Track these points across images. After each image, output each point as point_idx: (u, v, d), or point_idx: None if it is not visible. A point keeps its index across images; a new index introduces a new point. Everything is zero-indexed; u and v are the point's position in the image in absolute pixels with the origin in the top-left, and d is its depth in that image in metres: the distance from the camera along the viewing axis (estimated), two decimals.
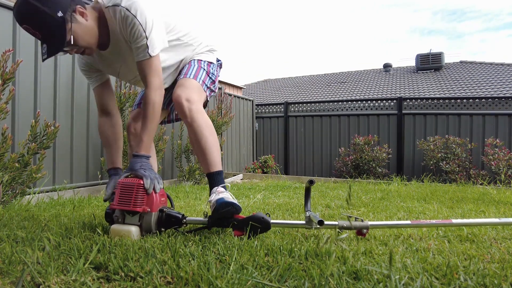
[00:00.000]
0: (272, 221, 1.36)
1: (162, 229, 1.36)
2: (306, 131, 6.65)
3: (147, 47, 1.36)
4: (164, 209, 1.37)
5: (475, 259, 1.08)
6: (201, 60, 1.70)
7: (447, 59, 14.59)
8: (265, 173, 6.16)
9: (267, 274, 0.93)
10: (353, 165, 5.57)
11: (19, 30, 2.55)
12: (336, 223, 1.39)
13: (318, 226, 1.33)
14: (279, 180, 5.13)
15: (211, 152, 1.52)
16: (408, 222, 1.49)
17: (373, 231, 1.52)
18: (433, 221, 1.50)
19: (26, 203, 2.22)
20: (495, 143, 4.86)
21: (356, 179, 5.09)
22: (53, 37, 1.23)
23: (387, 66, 16.05)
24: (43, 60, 1.25)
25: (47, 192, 2.68)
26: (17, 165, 2.15)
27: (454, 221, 1.47)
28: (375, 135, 5.74)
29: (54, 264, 0.96)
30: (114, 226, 1.30)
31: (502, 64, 12.89)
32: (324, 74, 17.33)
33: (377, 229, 1.56)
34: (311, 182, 1.39)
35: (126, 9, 1.32)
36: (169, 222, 1.37)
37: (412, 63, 16.00)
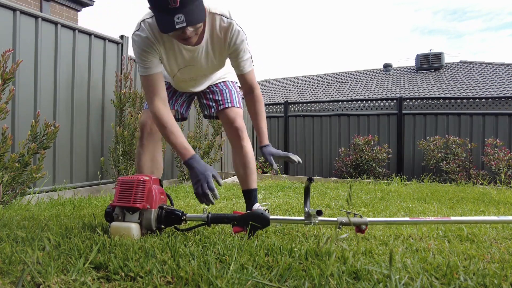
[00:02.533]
0: (271, 217, 1.38)
1: (162, 226, 1.37)
2: (306, 131, 6.65)
3: (252, 60, 1.64)
4: (164, 206, 1.38)
5: (475, 259, 1.08)
6: (234, 82, 1.94)
7: (447, 59, 14.59)
8: (265, 173, 6.16)
9: (267, 274, 0.93)
10: (353, 165, 5.57)
11: (19, 30, 2.56)
12: (336, 219, 1.39)
13: (317, 217, 1.35)
14: (279, 180, 5.12)
15: (254, 173, 1.84)
16: (407, 219, 1.50)
17: (373, 231, 1.52)
18: (432, 218, 1.51)
19: (26, 203, 2.22)
20: (495, 143, 4.86)
21: (356, 179, 5.09)
22: (197, 8, 1.27)
23: (387, 66, 16.05)
24: (177, 28, 1.23)
25: (47, 192, 2.68)
26: (17, 165, 2.15)
27: (452, 218, 1.48)
28: (375, 135, 5.74)
29: (54, 264, 0.96)
30: (114, 224, 1.30)
31: (502, 64, 12.89)
32: (324, 74, 17.33)
33: (377, 230, 1.56)
34: (310, 180, 1.40)
35: (238, 25, 1.50)
36: (169, 219, 1.38)
37: (412, 63, 16.00)
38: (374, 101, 6.46)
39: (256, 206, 1.82)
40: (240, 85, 1.77)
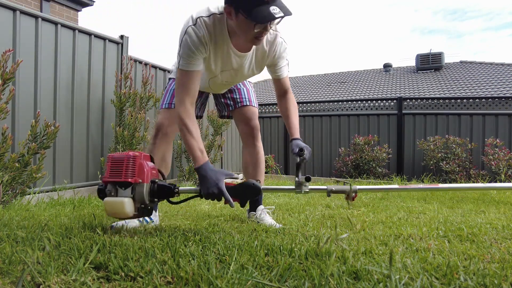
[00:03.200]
0: (262, 186, 1.42)
1: (155, 199, 1.39)
2: (306, 131, 6.65)
3: (288, 66, 1.70)
4: (156, 181, 1.39)
5: (475, 259, 1.08)
6: (251, 82, 1.97)
7: (447, 59, 14.59)
8: (266, 173, 6.16)
9: (267, 274, 0.93)
10: (353, 165, 5.57)
11: (19, 30, 2.55)
12: (325, 187, 1.40)
13: (307, 186, 1.38)
14: (279, 180, 5.12)
15: (263, 174, 1.89)
16: (396, 186, 1.51)
17: (373, 231, 1.52)
18: (420, 185, 1.55)
19: (26, 203, 2.22)
20: (495, 143, 4.86)
21: (356, 179, 5.09)
22: (283, 3, 1.31)
23: (387, 66, 16.05)
24: (276, 18, 1.26)
25: (47, 192, 2.68)
26: (17, 165, 2.15)
27: (440, 185, 1.53)
28: (375, 135, 5.74)
29: (54, 264, 0.96)
30: (107, 199, 1.30)
31: (502, 64, 12.88)
32: (324, 74, 17.33)
33: (377, 230, 1.56)
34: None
35: (281, 36, 1.58)
36: (162, 192, 1.39)
37: (412, 63, 16.00)
38: (374, 101, 6.45)
39: (261, 208, 1.83)
40: (274, 87, 1.79)
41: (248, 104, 1.85)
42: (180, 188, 1.42)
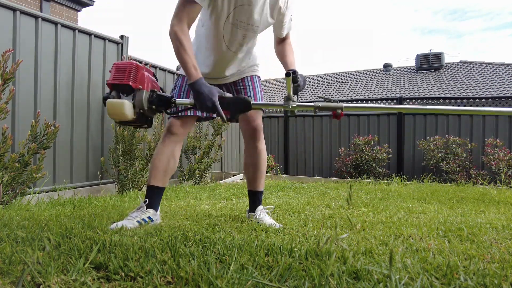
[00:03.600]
0: (252, 102, 1.48)
1: (153, 107, 1.47)
2: (306, 131, 6.65)
3: (291, 21, 1.74)
4: (156, 91, 1.50)
5: (475, 259, 1.08)
6: (260, 78, 1.91)
7: (447, 59, 14.60)
8: (266, 173, 6.16)
9: (267, 274, 0.93)
10: (353, 165, 5.57)
11: (19, 30, 2.56)
12: (312, 104, 1.46)
13: (295, 102, 1.45)
14: (279, 180, 5.12)
15: (263, 175, 1.88)
16: (383, 105, 1.53)
17: (373, 231, 1.52)
18: (414, 106, 1.53)
19: (26, 203, 2.22)
20: (495, 143, 4.86)
21: (356, 179, 5.09)
22: None
23: (387, 66, 16.05)
24: None
25: (47, 192, 2.68)
26: (17, 165, 2.15)
27: (428, 107, 1.50)
28: (375, 135, 5.74)
29: (54, 264, 0.96)
30: (109, 100, 1.40)
31: (502, 64, 12.89)
32: (324, 74, 17.33)
33: (377, 230, 1.56)
34: (287, 75, 1.43)
35: None
36: (160, 101, 1.49)
37: (412, 63, 16.00)
38: (374, 101, 6.46)
39: (260, 208, 1.82)
40: (274, 37, 1.82)
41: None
42: (177, 100, 1.51)
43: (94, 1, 7.28)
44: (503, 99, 5.60)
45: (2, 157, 2.09)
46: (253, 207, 1.85)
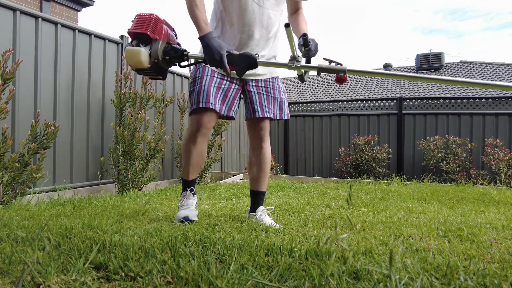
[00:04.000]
0: (258, 60, 1.51)
1: (167, 57, 1.53)
2: (306, 131, 6.65)
3: None
4: (171, 43, 1.56)
5: (475, 259, 1.08)
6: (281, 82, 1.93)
7: (447, 59, 14.60)
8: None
9: (267, 274, 0.93)
10: (353, 165, 5.57)
11: (19, 30, 2.55)
12: (317, 65, 1.46)
13: (300, 62, 1.47)
14: (279, 180, 5.12)
15: (267, 176, 1.89)
16: (384, 71, 1.47)
17: (373, 231, 1.52)
18: (412, 74, 1.45)
19: (26, 203, 2.22)
20: (495, 143, 4.86)
21: (356, 179, 5.09)
22: None
23: (387, 66, 16.05)
24: None
25: (47, 192, 2.68)
26: (17, 165, 2.15)
27: (419, 75, 1.47)
28: (375, 135, 5.74)
29: (54, 264, 0.96)
30: (128, 47, 1.49)
31: (502, 64, 12.89)
32: (324, 74, 17.33)
33: (377, 230, 1.56)
34: (287, 25, 1.43)
35: None
36: (174, 53, 1.55)
37: (412, 63, 16.01)
38: (374, 101, 6.45)
39: (261, 209, 1.83)
40: (287, 7, 1.86)
41: (274, 117, 1.81)
42: (190, 53, 1.56)
43: (94, 1, 7.28)
44: (503, 99, 5.59)
45: (2, 157, 2.09)
46: (254, 208, 1.85)
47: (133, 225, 1.58)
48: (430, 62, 14.30)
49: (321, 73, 1.48)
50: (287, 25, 1.40)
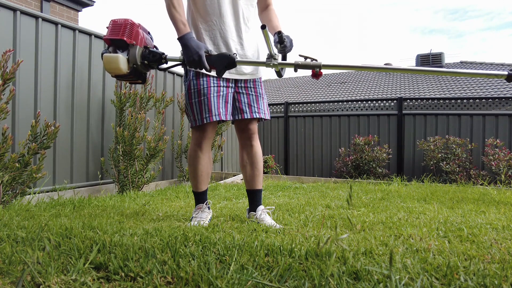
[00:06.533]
0: (236, 59, 1.54)
1: (146, 62, 1.54)
2: (306, 131, 6.65)
3: None
4: (148, 47, 1.58)
5: (476, 260, 1.08)
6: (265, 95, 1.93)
7: (448, 59, 14.61)
8: (265, 173, 6.16)
9: (267, 274, 0.92)
10: (353, 165, 5.57)
11: (19, 30, 2.55)
12: (293, 62, 1.50)
13: (277, 60, 1.50)
14: (279, 180, 5.12)
15: (261, 173, 1.89)
16: (359, 64, 1.53)
17: (373, 232, 1.52)
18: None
19: (26, 203, 2.22)
20: (495, 143, 4.86)
21: (356, 179, 5.09)
22: None
23: None
24: None
25: (47, 192, 2.68)
26: (17, 165, 2.15)
27: (412, 67, 1.49)
28: (375, 135, 5.74)
29: (54, 264, 0.96)
30: (106, 54, 1.48)
31: (502, 64, 12.89)
32: (325, 75, 17.32)
33: (377, 230, 1.56)
34: (263, 27, 1.46)
35: None
36: (152, 57, 1.55)
37: (412, 63, 16.01)
38: (374, 101, 6.46)
39: (261, 208, 1.83)
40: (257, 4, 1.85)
41: (261, 117, 1.81)
42: (168, 56, 1.57)
43: (94, 1, 7.28)
44: (503, 99, 5.60)
45: (2, 157, 2.09)
46: (253, 207, 1.85)
47: (133, 225, 1.58)
48: (430, 62, 14.31)
49: (316, 72, 1.50)
50: (263, 27, 1.43)
